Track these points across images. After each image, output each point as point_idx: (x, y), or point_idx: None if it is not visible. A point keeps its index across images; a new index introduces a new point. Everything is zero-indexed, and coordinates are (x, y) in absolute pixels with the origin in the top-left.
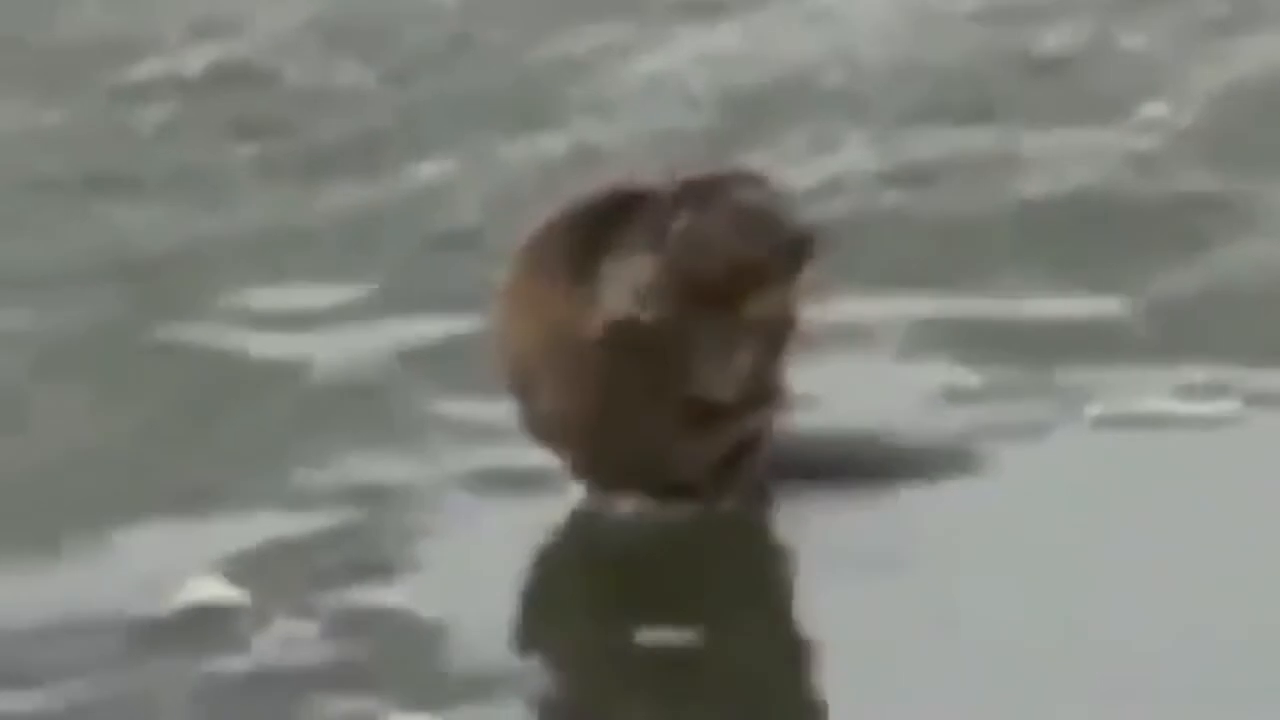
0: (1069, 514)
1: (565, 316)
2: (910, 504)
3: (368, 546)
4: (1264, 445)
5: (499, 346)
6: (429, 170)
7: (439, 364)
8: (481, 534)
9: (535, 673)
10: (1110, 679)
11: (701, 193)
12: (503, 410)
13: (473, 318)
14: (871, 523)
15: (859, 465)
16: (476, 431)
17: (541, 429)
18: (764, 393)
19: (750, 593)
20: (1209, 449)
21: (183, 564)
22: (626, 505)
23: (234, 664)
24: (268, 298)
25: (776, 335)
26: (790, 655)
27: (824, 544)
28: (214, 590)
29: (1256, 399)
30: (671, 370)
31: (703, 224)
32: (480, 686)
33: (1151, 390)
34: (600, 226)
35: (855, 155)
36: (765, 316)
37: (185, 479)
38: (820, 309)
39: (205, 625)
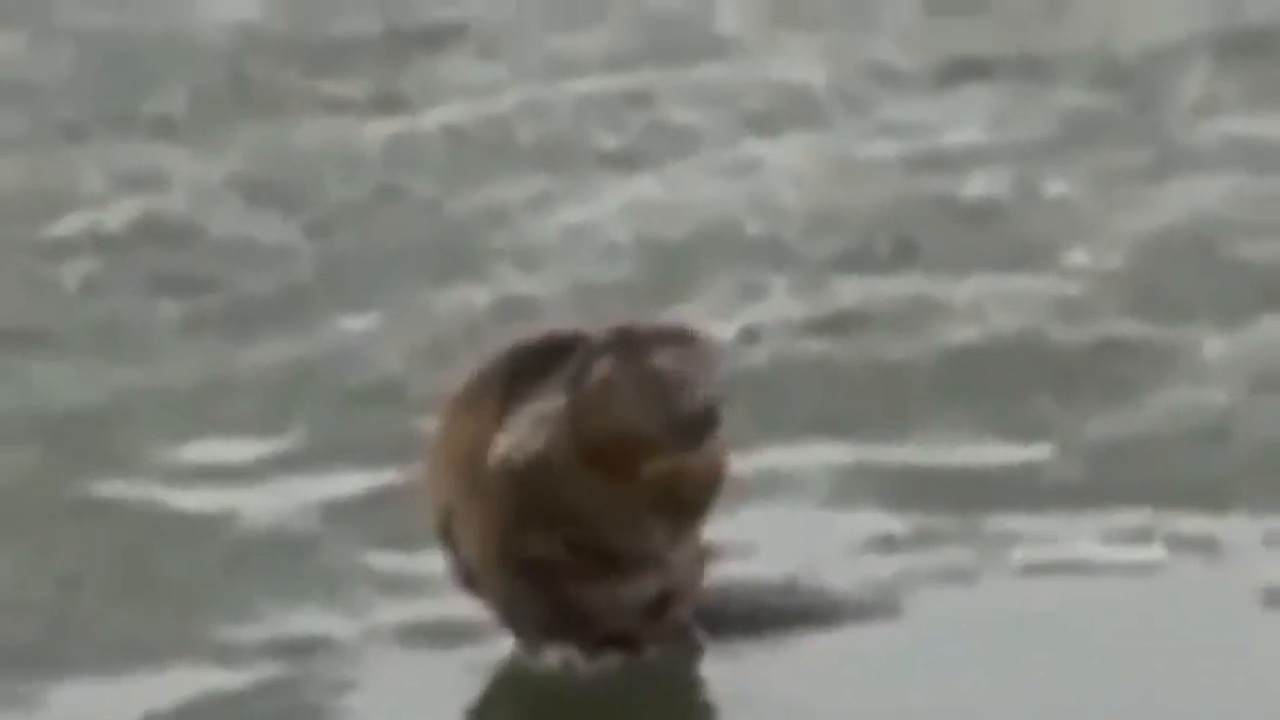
0: (994, 661)
1: (486, 464)
2: (835, 652)
3: (295, 699)
4: (1189, 591)
5: (427, 495)
6: (353, 323)
7: (365, 516)
8: (409, 686)
9: None
10: None
11: (625, 345)
12: (429, 561)
13: (397, 470)
14: (796, 671)
15: (785, 614)
16: (403, 583)
17: (466, 578)
18: (683, 545)
19: None
20: (1134, 595)
21: (110, 718)
22: (555, 656)
23: None
24: (193, 452)
25: (688, 497)
26: None
27: (749, 693)
28: None
29: (1181, 544)
30: (581, 520)
31: (611, 383)
32: None
33: (1077, 536)
34: (528, 374)
35: (778, 303)
36: (661, 481)
37: (112, 633)
38: (745, 458)
39: None
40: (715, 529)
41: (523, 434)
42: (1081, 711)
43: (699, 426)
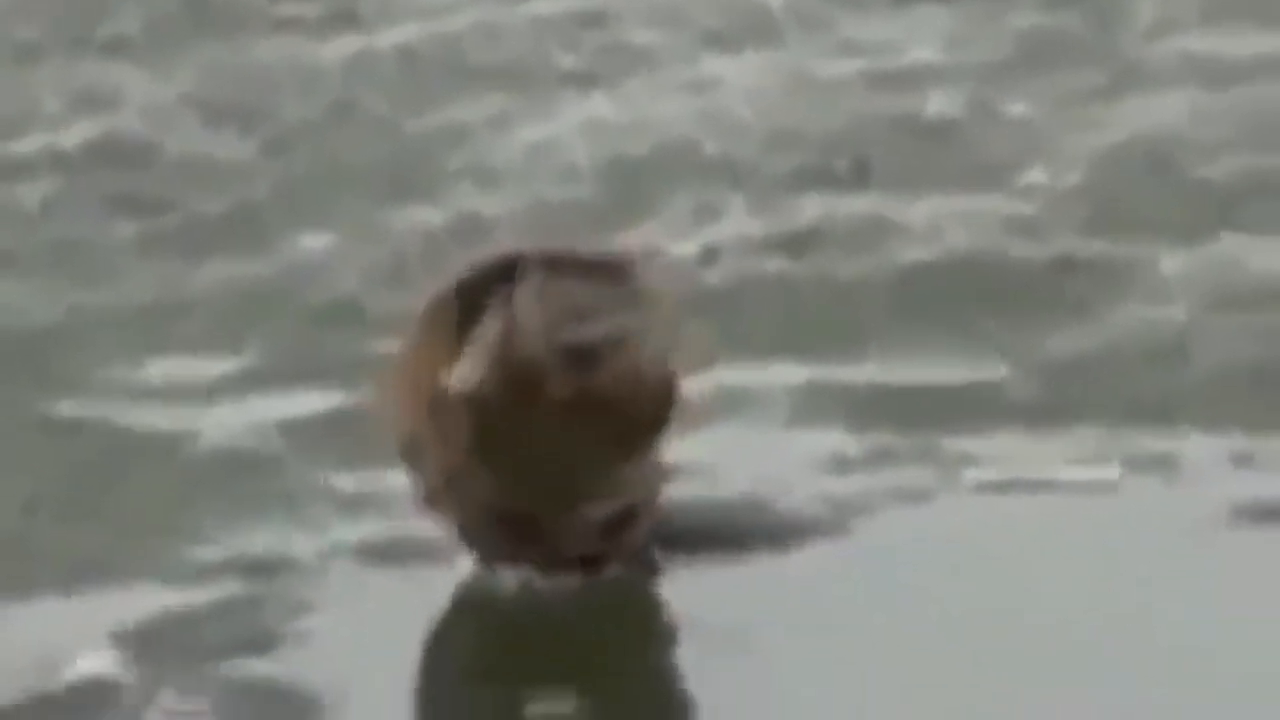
0: (950, 580)
1: (443, 384)
2: (788, 573)
3: (255, 619)
4: (1148, 510)
5: (391, 422)
6: (310, 241)
7: (323, 435)
8: (369, 606)
9: None
10: None
11: (550, 270)
12: (389, 481)
13: (356, 389)
14: (746, 593)
15: (741, 534)
16: (362, 503)
17: (428, 501)
18: (638, 465)
19: (637, 663)
20: (1093, 514)
21: (71, 638)
22: (513, 576)
23: None
24: (151, 371)
25: (630, 419)
26: None
27: (703, 612)
28: (102, 664)
29: (1138, 463)
30: (529, 443)
31: (523, 309)
32: None
33: (1033, 455)
34: (481, 296)
35: (736, 222)
36: (586, 405)
37: (72, 553)
38: (705, 378)
39: (94, 699)
40: (673, 449)
41: (469, 363)
42: (1039, 631)
43: (586, 357)
